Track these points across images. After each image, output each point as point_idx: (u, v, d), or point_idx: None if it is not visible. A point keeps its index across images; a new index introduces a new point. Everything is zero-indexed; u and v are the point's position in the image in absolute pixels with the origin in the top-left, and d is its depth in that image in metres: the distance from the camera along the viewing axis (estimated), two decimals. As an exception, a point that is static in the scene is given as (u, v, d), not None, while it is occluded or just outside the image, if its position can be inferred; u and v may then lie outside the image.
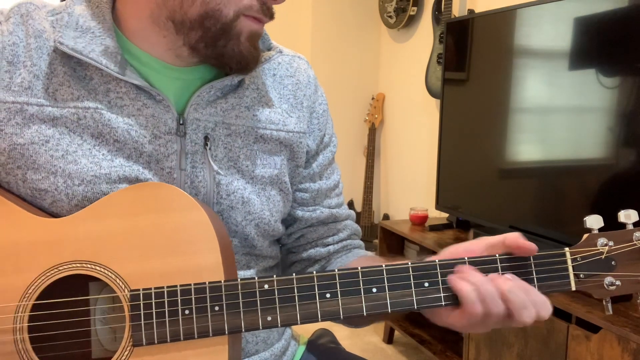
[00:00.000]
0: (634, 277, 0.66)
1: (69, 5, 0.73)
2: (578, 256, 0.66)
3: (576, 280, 0.66)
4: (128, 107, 0.71)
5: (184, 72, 0.74)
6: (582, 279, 0.66)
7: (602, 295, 0.67)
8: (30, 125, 0.69)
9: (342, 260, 0.88)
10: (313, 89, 0.85)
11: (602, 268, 0.66)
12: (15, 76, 0.69)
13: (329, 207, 0.88)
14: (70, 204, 0.69)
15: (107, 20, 0.72)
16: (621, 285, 0.66)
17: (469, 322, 0.64)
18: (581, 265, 0.66)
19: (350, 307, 0.65)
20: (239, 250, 0.78)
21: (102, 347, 0.69)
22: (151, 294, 0.64)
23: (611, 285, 0.66)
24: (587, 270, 0.66)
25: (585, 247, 0.67)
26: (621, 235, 0.67)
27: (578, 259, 0.66)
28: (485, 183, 2.15)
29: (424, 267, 0.66)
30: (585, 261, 0.66)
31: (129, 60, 0.72)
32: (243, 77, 0.76)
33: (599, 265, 0.66)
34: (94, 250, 0.65)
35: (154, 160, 0.71)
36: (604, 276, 0.66)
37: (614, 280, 0.66)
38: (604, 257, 0.66)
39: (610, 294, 0.66)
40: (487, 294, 0.63)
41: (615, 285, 0.66)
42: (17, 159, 0.69)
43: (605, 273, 0.66)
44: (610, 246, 0.66)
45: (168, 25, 0.70)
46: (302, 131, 0.82)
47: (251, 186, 0.77)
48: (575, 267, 0.66)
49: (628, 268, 0.66)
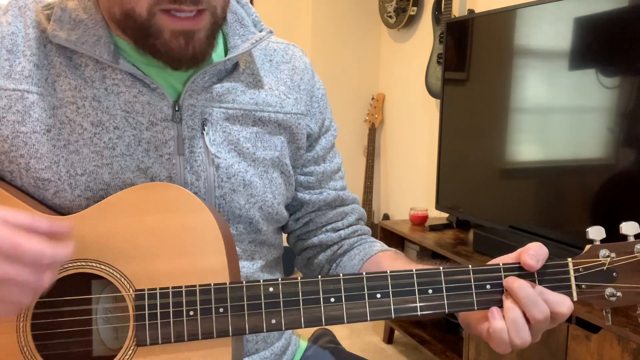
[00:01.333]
0: (635, 289, 0.66)
1: (62, 0, 0.74)
2: (580, 267, 0.67)
3: (578, 291, 0.67)
4: (125, 94, 0.71)
5: None
6: (583, 289, 0.67)
7: (603, 305, 0.67)
8: (32, 113, 0.69)
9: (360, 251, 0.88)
10: (310, 74, 0.86)
11: (603, 279, 0.67)
12: (15, 64, 0.70)
13: (334, 189, 0.89)
14: (73, 193, 0.70)
15: (98, 12, 0.72)
16: (622, 297, 0.66)
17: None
18: (583, 276, 0.67)
19: (354, 312, 0.65)
20: (244, 237, 0.78)
21: (104, 346, 0.69)
22: (156, 294, 0.64)
23: (612, 297, 0.66)
24: (588, 281, 0.67)
25: (588, 258, 0.67)
26: (623, 247, 0.67)
27: (580, 269, 0.67)
28: (486, 183, 2.15)
29: (428, 274, 0.66)
30: (587, 272, 0.67)
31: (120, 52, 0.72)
32: (236, 61, 0.77)
33: (600, 276, 0.67)
34: (99, 249, 0.65)
35: (152, 147, 0.72)
36: (605, 287, 0.67)
37: (615, 292, 0.66)
38: (605, 268, 0.67)
39: (611, 305, 0.67)
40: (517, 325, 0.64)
41: (616, 296, 0.66)
42: (20, 147, 0.69)
43: (607, 284, 0.67)
44: (612, 257, 0.67)
45: (115, 26, 0.71)
46: (301, 112, 0.83)
47: (253, 169, 0.77)
48: (577, 277, 0.67)
49: (629, 279, 0.67)
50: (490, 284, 0.66)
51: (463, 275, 0.66)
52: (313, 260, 0.91)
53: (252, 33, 0.79)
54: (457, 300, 0.66)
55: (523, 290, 0.64)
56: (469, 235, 2.38)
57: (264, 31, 0.81)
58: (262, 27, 0.82)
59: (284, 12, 3.31)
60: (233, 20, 0.79)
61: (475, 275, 0.66)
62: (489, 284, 0.66)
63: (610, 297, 0.66)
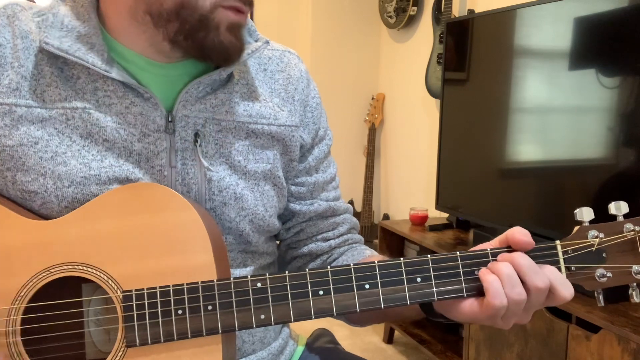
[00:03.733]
0: (625, 268, 0.66)
1: (54, 6, 0.73)
2: (569, 249, 0.66)
3: (567, 273, 0.66)
4: (116, 106, 0.70)
5: (169, 68, 0.74)
6: (573, 271, 0.66)
7: (594, 287, 0.67)
8: (19, 126, 0.68)
9: (348, 257, 0.87)
10: (305, 83, 0.85)
11: (592, 260, 0.66)
12: (2, 77, 0.69)
13: (326, 200, 0.88)
14: (60, 205, 0.69)
15: (92, 18, 0.71)
16: (612, 277, 0.66)
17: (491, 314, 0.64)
18: (572, 257, 0.66)
19: (343, 303, 0.65)
20: (234, 247, 0.78)
21: (96, 349, 0.69)
22: (144, 294, 0.64)
23: (602, 277, 0.66)
24: (578, 263, 0.66)
25: (576, 240, 0.67)
26: (611, 227, 0.67)
27: (569, 251, 0.66)
28: (485, 183, 2.15)
29: (416, 262, 0.66)
30: (576, 253, 0.66)
31: (115, 58, 0.72)
32: (231, 71, 0.76)
33: (589, 257, 0.66)
34: (85, 251, 0.65)
35: (143, 158, 0.71)
36: (594, 268, 0.66)
37: (605, 272, 0.66)
38: (594, 249, 0.66)
39: (601, 286, 0.67)
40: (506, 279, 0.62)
41: (606, 276, 0.66)
42: (6, 161, 0.69)
43: (596, 265, 0.66)
44: (600, 238, 0.66)
45: (146, 20, 0.70)
46: (294, 125, 0.82)
47: (244, 182, 0.77)
48: (566, 259, 0.66)
49: (618, 259, 0.66)
50: (479, 270, 0.65)
51: (451, 262, 0.66)
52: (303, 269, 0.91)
53: (247, 43, 0.78)
54: (446, 287, 0.65)
55: (525, 259, 0.63)
56: (469, 235, 2.37)
57: (259, 41, 0.80)
58: (258, 36, 0.81)
59: (284, 12, 3.31)
60: None
61: (463, 262, 0.66)
62: (477, 269, 0.65)
63: (600, 277, 0.66)
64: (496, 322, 0.65)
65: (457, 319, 0.68)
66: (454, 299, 0.66)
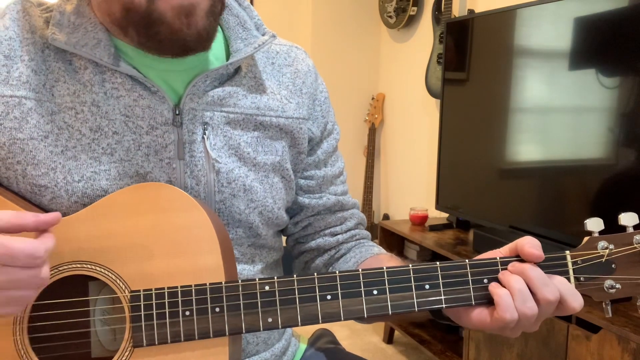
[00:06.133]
0: (634, 280, 0.66)
1: (60, 4, 0.73)
2: (579, 259, 0.66)
3: (576, 284, 0.66)
4: (124, 98, 0.71)
5: (172, 63, 0.73)
6: (582, 282, 0.66)
7: (602, 298, 0.67)
8: (29, 119, 0.69)
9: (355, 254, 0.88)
10: (313, 77, 0.86)
11: (602, 271, 0.66)
12: (12, 70, 0.70)
13: (334, 194, 0.88)
14: (69, 200, 0.69)
15: (95, 17, 0.71)
16: (621, 288, 0.66)
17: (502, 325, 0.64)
18: (582, 268, 0.66)
19: (351, 309, 0.65)
20: (243, 241, 0.78)
21: (102, 347, 0.69)
22: (152, 294, 0.64)
23: (611, 288, 0.66)
24: (587, 273, 0.66)
25: (586, 250, 0.67)
26: (621, 238, 0.67)
27: (579, 262, 0.66)
28: (485, 183, 2.15)
29: (425, 269, 0.66)
30: (586, 264, 0.66)
31: (120, 54, 0.72)
32: (239, 65, 0.76)
33: (599, 268, 0.66)
34: (94, 250, 0.65)
35: (152, 151, 0.71)
36: (604, 279, 0.66)
37: (614, 283, 0.66)
38: (604, 260, 0.66)
39: (610, 297, 0.67)
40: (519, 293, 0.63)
41: (615, 288, 0.66)
42: (17, 154, 0.69)
43: (606, 276, 0.66)
44: (610, 249, 0.66)
45: (114, 28, 0.70)
46: (302, 117, 0.82)
47: (254, 173, 0.77)
48: (575, 270, 0.66)
49: (628, 271, 0.66)
50: (488, 278, 0.66)
51: (460, 269, 0.66)
52: (310, 264, 0.91)
53: (254, 37, 0.78)
54: (454, 295, 0.65)
55: (536, 271, 0.63)
56: (469, 235, 2.37)
57: (266, 35, 0.80)
58: (265, 30, 0.81)
59: (285, 12, 3.31)
60: (235, 23, 0.79)
61: (472, 270, 0.66)
62: (487, 278, 0.65)
63: (609, 289, 0.66)
64: (505, 332, 0.65)
65: (465, 326, 0.69)
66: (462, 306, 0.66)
